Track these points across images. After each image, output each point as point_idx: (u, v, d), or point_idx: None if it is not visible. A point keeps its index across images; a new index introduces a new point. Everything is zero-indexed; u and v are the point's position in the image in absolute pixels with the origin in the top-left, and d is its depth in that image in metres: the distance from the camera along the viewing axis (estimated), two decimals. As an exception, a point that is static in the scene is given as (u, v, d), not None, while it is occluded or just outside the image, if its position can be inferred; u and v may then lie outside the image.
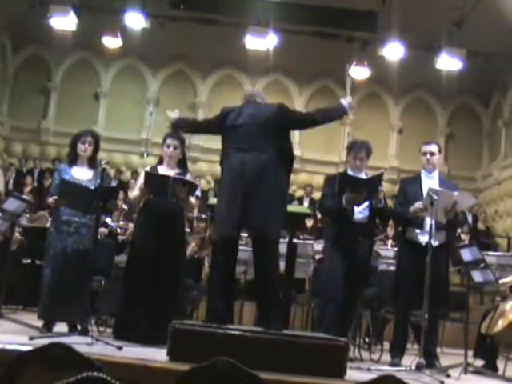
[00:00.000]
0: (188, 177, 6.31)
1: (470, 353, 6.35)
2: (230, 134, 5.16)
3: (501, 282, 6.47)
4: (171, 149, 6.28)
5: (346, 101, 5.15)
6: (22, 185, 14.91)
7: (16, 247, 8.98)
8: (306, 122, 5.50)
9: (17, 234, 8.79)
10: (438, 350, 6.58)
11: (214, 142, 5.46)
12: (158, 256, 5.99)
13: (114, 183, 13.51)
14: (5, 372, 3.00)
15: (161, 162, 6.41)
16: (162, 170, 6.29)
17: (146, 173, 6.16)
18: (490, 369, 6.18)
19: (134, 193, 6.33)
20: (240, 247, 5.61)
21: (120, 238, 9.39)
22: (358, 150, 6.33)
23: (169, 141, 6.29)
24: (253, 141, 5.05)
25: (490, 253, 8.48)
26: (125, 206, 7.02)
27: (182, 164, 6.39)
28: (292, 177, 5.82)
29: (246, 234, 6.57)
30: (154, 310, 5.89)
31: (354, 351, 6.78)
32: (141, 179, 6.27)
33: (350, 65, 5.87)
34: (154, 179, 6.12)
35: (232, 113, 5.26)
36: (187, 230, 9.64)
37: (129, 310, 5.98)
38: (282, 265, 6.05)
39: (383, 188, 6.21)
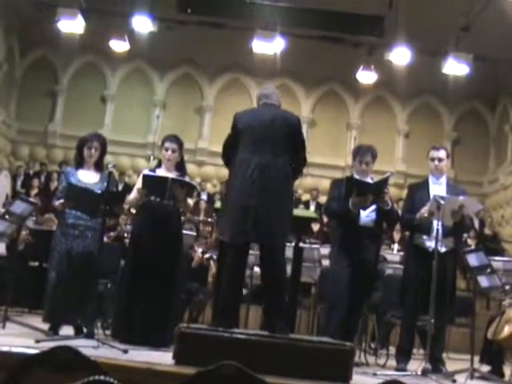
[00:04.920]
0: (186, 179, 6.31)
1: (477, 358, 6.34)
2: (246, 136, 5.11)
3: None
4: (170, 152, 6.28)
5: None
6: (29, 187, 14.95)
7: (23, 247, 9.00)
8: (301, 156, 5.30)
9: (23, 233, 8.79)
10: (444, 355, 6.56)
11: (220, 145, 5.43)
12: (154, 256, 6.00)
13: (120, 187, 13.54)
14: (11, 375, 3.00)
15: (159, 165, 6.42)
16: (161, 172, 6.30)
17: (144, 175, 6.16)
18: (497, 374, 6.16)
19: (131, 195, 6.33)
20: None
21: (127, 241, 9.39)
22: (364, 154, 6.33)
23: (167, 144, 6.29)
24: (271, 147, 5.03)
25: (497, 258, 8.43)
26: (133, 210, 7.02)
27: (180, 167, 6.39)
28: (298, 181, 5.81)
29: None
30: (150, 311, 5.91)
31: (359, 356, 6.77)
32: (139, 182, 6.28)
33: None
34: (152, 181, 6.12)
35: (247, 115, 5.24)
36: (193, 233, 9.68)
37: (125, 311, 6.00)
38: (289, 269, 6.05)
39: (389, 191, 6.20)
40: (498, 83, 16.07)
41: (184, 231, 7.11)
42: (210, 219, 13.10)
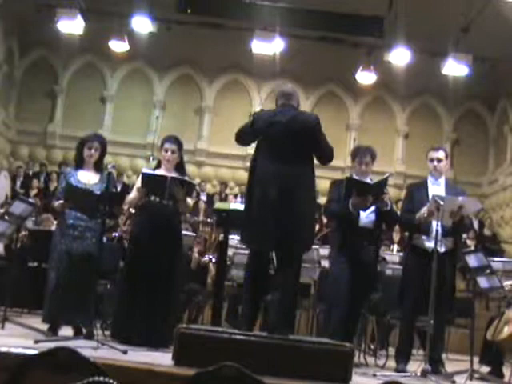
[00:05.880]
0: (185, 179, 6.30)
1: (476, 359, 6.34)
2: (264, 140, 5.09)
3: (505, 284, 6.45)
4: (169, 153, 6.26)
5: None
6: (29, 188, 14.95)
7: (19, 246, 8.99)
8: (324, 151, 5.29)
9: (22, 233, 8.78)
10: (444, 356, 6.56)
11: (219, 146, 5.45)
12: (154, 257, 5.98)
13: (119, 187, 13.55)
14: (10, 376, 3.00)
15: (159, 165, 6.41)
16: (160, 173, 6.28)
17: (143, 174, 6.16)
18: (496, 375, 6.16)
19: (131, 195, 6.33)
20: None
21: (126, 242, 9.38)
22: (363, 155, 6.32)
23: (167, 145, 6.27)
24: (290, 153, 4.97)
25: (496, 259, 8.42)
26: (132, 210, 7.01)
27: (179, 168, 6.38)
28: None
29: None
30: (149, 311, 5.90)
31: (359, 357, 6.77)
32: (138, 181, 6.27)
33: None
34: (151, 179, 6.11)
35: (265, 117, 5.17)
36: (192, 234, 9.68)
37: (125, 311, 5.99)
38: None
39: (388, 191, 6.20)
40: (497, 84, 16.07)
41: (183, 232, 7.10)
42: (209, 220, 13.10)
